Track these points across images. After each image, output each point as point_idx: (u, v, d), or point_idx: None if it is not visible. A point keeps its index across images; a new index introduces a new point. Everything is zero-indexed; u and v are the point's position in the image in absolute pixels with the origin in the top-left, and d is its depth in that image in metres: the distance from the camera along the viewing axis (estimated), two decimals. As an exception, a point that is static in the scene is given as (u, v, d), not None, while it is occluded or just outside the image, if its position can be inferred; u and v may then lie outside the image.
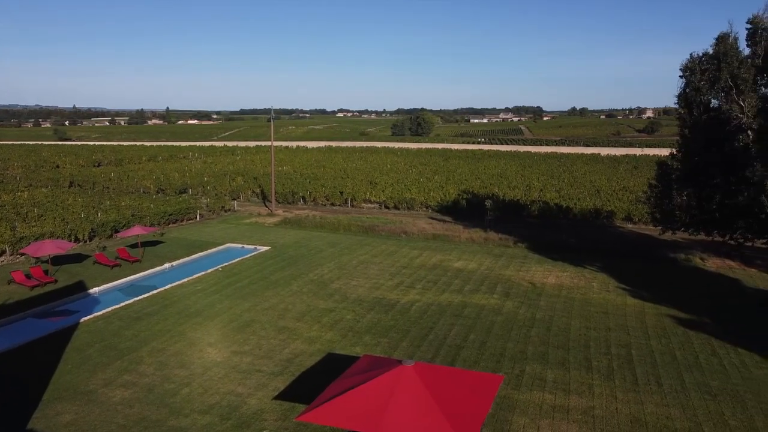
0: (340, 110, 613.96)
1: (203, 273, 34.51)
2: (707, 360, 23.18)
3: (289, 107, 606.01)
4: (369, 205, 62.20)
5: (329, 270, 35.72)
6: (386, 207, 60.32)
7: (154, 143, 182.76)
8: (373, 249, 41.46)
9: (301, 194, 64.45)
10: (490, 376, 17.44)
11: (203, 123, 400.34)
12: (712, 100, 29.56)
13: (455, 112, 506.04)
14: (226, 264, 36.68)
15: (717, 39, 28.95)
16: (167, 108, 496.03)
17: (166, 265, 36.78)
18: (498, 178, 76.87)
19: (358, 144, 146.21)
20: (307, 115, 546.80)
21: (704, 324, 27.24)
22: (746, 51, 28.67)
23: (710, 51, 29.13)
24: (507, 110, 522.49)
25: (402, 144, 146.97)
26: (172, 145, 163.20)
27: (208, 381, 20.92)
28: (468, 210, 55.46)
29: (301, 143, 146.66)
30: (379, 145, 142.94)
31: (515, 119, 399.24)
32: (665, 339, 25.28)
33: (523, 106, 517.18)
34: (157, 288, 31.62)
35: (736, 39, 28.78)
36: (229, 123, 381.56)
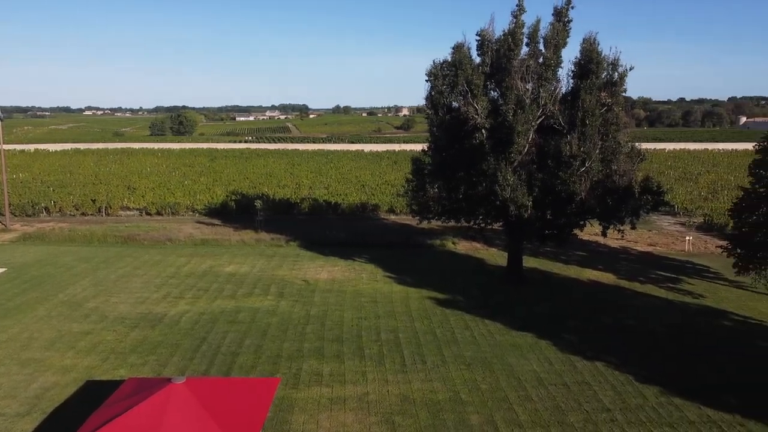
0: (89, 108, 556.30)
1: None
2: (462, 334, 25.99)
3: (24, 104, 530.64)
4: (128, 212, 57.19)
5: (83, 288, 32.02)
6: (148, 213, 56.10)
7: None
8: (134, 260, 38.23)
9: (43, 205, 56.55)
10: (267, 380, 17.29)
11: None
12: (453, 102, 33.13)
13: (220, 109, 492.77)
14: (-53, 293, 30.64)
15: (454, 48, 32.42)
16: None
17: None
18: (267, 177, 76.67)
19: (111, 145, 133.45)
20: (47, 113, 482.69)
21: (458, 302, 30.51)
22: (478, 59, 32.71)
23: (449, 58, 32.59)
24: (274, 108, 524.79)
25: (163, 144, 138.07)
26: None
27: (-74, 439, 17.25)
28: (238, 211, 54.34)
29: (42, 146, 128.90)
30: (136, 146, 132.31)
31: (282, 117, 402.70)
32: (427, 320, 27.72)
33: (290, 104, 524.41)
34: None
35: (469, 48, 32.61)
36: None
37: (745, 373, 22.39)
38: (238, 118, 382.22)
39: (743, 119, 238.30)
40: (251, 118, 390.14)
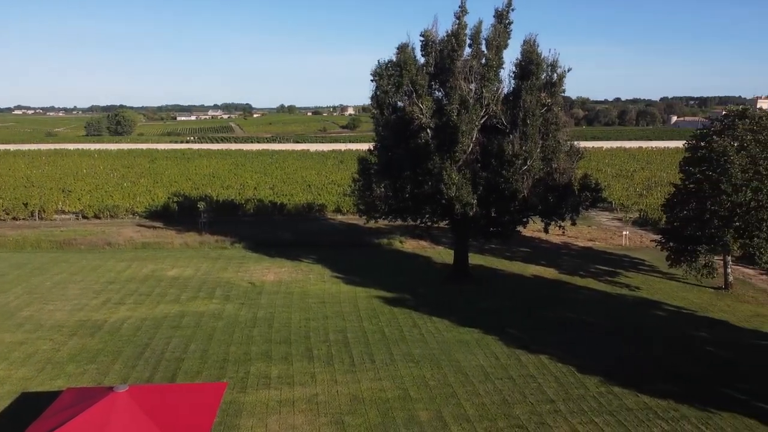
0: (18, 107, 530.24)
1: None
2: (410, 332, 26.21)
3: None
4: (63, 216, 54.87)
5: (16, 296, 30.56)
6: (85, 217, 54.00)
7: None
8: (71, 266, 36.74)
9: (-29, 208, 53.64)
10: (213, 385, 17.01)
11: None
12: (399, 102, 33.36)
13: (160, 109, 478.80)
14: None
15: (398, 48, 32.64)
16: None
17: None
18: (211, 178, 75.14)
19: (44, 146, 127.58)
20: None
21: (406, 300, 30.76)
22: (422, 60, 33.04)
23: (394, 59, 32.78)
24: (216, 107, 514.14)
25: (100, 145, 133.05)
26: None
27: None
28: (180, 214, 53.02)
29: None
30: (71, 146, 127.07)
31: (225, 116, 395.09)
32: (375, 319, 27.83)
33: (233, 103, 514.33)
34: None
35: (413, 49, 32.91)
36: None
37: (677, 361, 23.50)
38: (179, 118, 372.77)
39: (674, 118, 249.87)
40: (193, 118, 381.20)
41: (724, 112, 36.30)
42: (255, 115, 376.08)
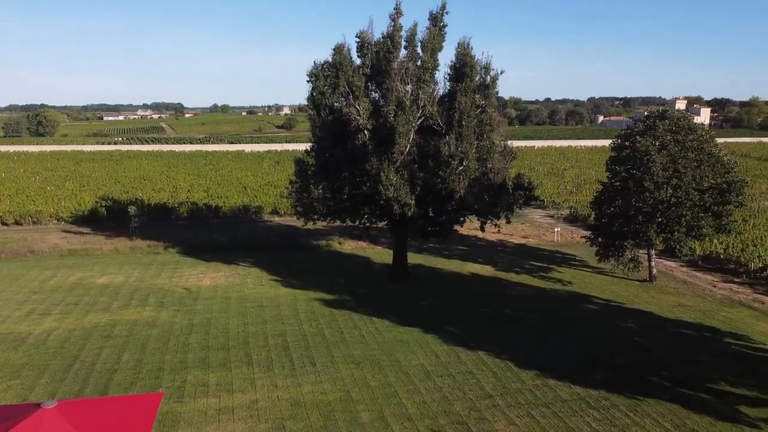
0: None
1: None
2: (350, 333, 26.21)
3: None
4: (-19, 222, 51.66)
5: (-72, 309, 28.56)
6: (4, 223, 50.99)
7: None
8: (-9, 275, 34.66)
9: None
10: (148, 396, 16.47)
11: None
12: (335, 103, 33.25)
13: (85, 108, 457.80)
14: None
15: (334, 49, 32.55)
16: None
17: None
18: (141, 180, 72.59)
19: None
20: None
21: (345, 301, 30.73)
22: (358, 61, 33.06)
23: (330, 59, 32.65)
24: (146, 107, 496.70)
25: (19, 147, 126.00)
26: None
27: None
28: (109, 218, 50.89)
29: None
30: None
31: (156, 116, 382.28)
32: (315, 321, 27.66)
33: (163, 103, 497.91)
34: None
35: (349, 50, 32.88)
36: None
37: (608, 352, 24.56)
38: (106, 118, 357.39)
39: (601, 118, 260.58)
40: (121, 118, 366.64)
41: (646, 113, 38.16)
42: (187, 115, 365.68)
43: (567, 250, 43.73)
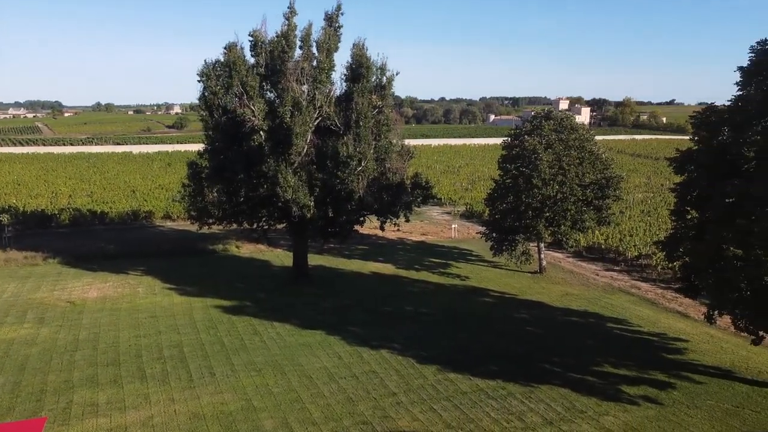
0: None
1: None
2: (251, 340, 25.54)
3: None
4: None
5: None
6: None
7: None
8: None
9: None
10: (30, 422, 15.23)
11: None
12: (229, 104, 32.18)
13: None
14: None
15: (226, 48, 31.47)
16: None
17: None
18: (15, 185, 66.76)
19: None
20: None
21: (245, 307, 29.92)
22: (252, 60, 32.21)
23: (222, 58, 31.56)
24: (18, 105, 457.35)
25: None
26: None
27: None
28: (-21, 227, 46.36)
29: None
30: None
31: (30, 116, 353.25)
32: (213, 330, 26.70)
33: (39, 101, 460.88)
34: None
35: (242, 49, 31.94)
36: None
37: (504, 343, 25.65)
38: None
39: (492, 117, 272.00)
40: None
41: (533, 113, 40.24)
42: (66, 114, 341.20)
43: (464, 245, 45.20)
